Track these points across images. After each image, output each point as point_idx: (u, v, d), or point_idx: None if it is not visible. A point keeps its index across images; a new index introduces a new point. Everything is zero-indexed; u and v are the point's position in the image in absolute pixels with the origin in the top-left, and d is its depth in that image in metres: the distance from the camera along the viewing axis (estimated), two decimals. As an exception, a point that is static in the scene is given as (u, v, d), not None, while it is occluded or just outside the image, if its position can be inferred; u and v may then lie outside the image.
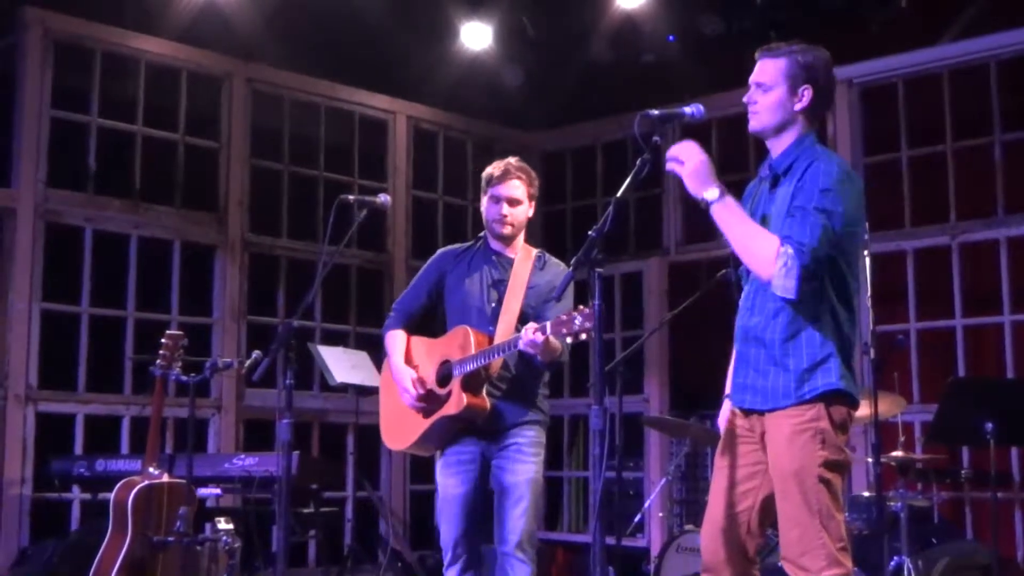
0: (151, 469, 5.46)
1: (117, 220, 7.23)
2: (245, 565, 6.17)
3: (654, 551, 7.43)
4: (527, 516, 4.34)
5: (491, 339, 4.36)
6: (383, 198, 4.49)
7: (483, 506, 4.50)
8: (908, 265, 7.39)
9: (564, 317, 3.97)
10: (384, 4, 7.50)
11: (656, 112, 3.46)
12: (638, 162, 3.39)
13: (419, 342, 4.62)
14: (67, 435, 6.93)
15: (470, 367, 4.30)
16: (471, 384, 4.33)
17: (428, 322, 4.72)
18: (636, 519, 7.05)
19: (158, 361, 5.52)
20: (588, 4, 7.84)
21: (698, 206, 3.45)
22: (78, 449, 6.92)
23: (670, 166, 3.46)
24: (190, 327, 7.07)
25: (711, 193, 3.39)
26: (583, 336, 3.94)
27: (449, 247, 4.74)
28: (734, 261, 3.64)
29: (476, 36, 8.06)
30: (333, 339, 8.03)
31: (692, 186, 3.42)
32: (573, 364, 9.01)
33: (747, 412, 3.53)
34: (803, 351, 3.39)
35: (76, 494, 6.88)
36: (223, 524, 5.71)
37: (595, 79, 8.38)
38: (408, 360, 4.55)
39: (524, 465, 4.39)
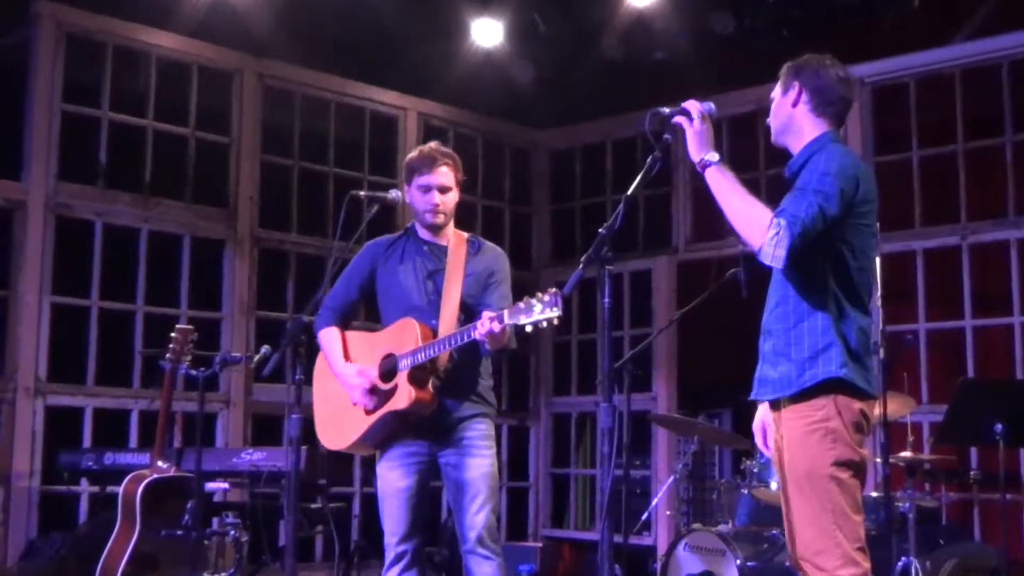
0: (159, 463, 5.48)
1: (127, 214, 7.24)
2: (252, 559, 6.18)
3: (661, 549, 7.43)
4: (486, 510, 4.22)
5: (435, 332, 4.22)
6: (393, 194, 4.48)
7: (427, 504, 4.38)
8: (918, 265, 7.37)
9: (523, 305, 3.89)
10: (395, 0, 7.50)
11: (667, 110, 3.48)
12: (649, 160, 3.40)
13: (357, 337, 4.47)
14: (76, 428, 6.94)
15: (419, 359, 4.14)
16: (417, 378, 4.17)
17: (358, 317, 4.60)
18: (643, 517, 7.05)
19: (167, 355, 5.54)
20: (599, 1, 7.83)
21: (707, 204, 3.45)
22: (87, 442, 6.93)
23: (678, 118, 3.47)
24: (199, 322, 7.09)
25: (713, 155, 3.43)
26: (544, 324, 3.84)
27: (377, 239, 4.59)
28: (744, 260, 3.65)
29: (487, 33, 8.05)
30: (342, 335, 8.02)
31: (695, 144, 3.45)
32: (581, 362, 9.03)
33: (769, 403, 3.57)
34: (805, 340, 3.39)
35: (84, 487, 6.89)
36: (231, 518, 5.73)
37: (606, 76, 8.37)
38: (346, 357, 4.39)
39: (478, 460, 4.25)
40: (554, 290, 3.85)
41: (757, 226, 3.31)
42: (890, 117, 7.64)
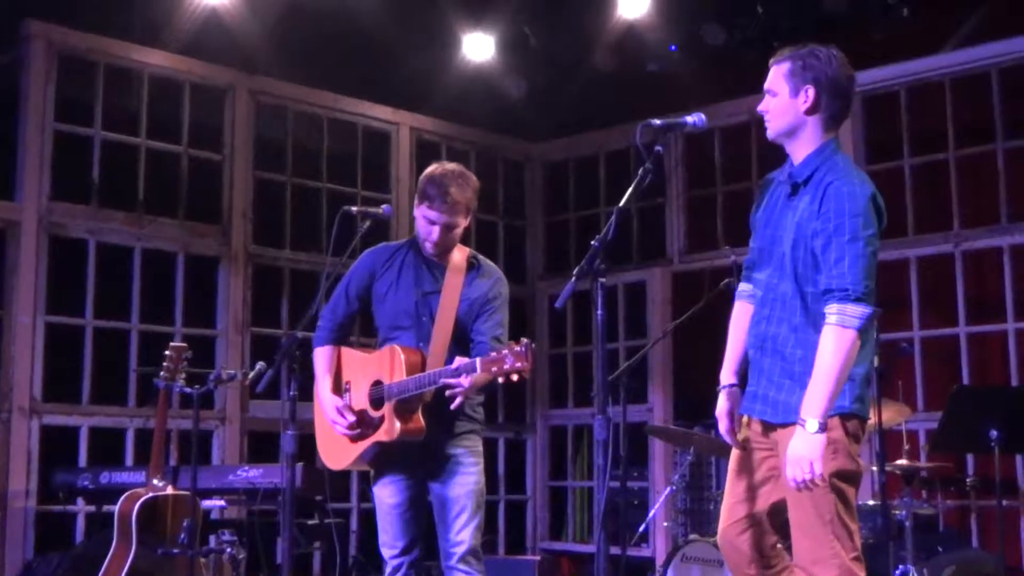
0: (155, 481, 5.46)
1: (121, 232, 7.24)
2: (249, 577, 6.17)
3: (658, 561, 7.42)
4: (469, 527, 4.21)
5: (424, 357, 4.19)
6: (386, 209, 4.47)
7: (422, 518, 4.34)
8: (911, 273, 7.38)
9: (495, 355, 3.87)
10: (387, 15, 7.51)
11: (658, 121, 3.47)
12: (640, 171, 3.39)
13: (351, 356, 4.44)
14: (71, 447, 6.92)
15: (403, 396, 4.13)
16: (405, 408, 4.15)
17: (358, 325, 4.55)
18: (641, 529, 7.04)
19: (162, 373, 5.53)
20: (590, 14, 7.84)
21: (701, 215, 3.45)
22: (82, 461, 6.91)
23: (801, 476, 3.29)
24: (194, 339, 7.08)
25: (812, 426, 3.24)
26: (515, 377, 3.82)
27: (377, 247, 4.52)
28: (737, 271, 3.63)
29: (478, 47, 8.06)
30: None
31: (816, 454, 3.23)
32: (577, 374, 9.02)
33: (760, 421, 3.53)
34: None
35: (80, 506, 6.88)
36: (227, 536, 5.71)
37: (598, 89, 8.39)
38: (339, 374, 4.40)
39: (464, 477, 4.25)
40: (526, 340, 3.84)
41: (849, 344, 3.24)
42: (882, 125, 7.66)
